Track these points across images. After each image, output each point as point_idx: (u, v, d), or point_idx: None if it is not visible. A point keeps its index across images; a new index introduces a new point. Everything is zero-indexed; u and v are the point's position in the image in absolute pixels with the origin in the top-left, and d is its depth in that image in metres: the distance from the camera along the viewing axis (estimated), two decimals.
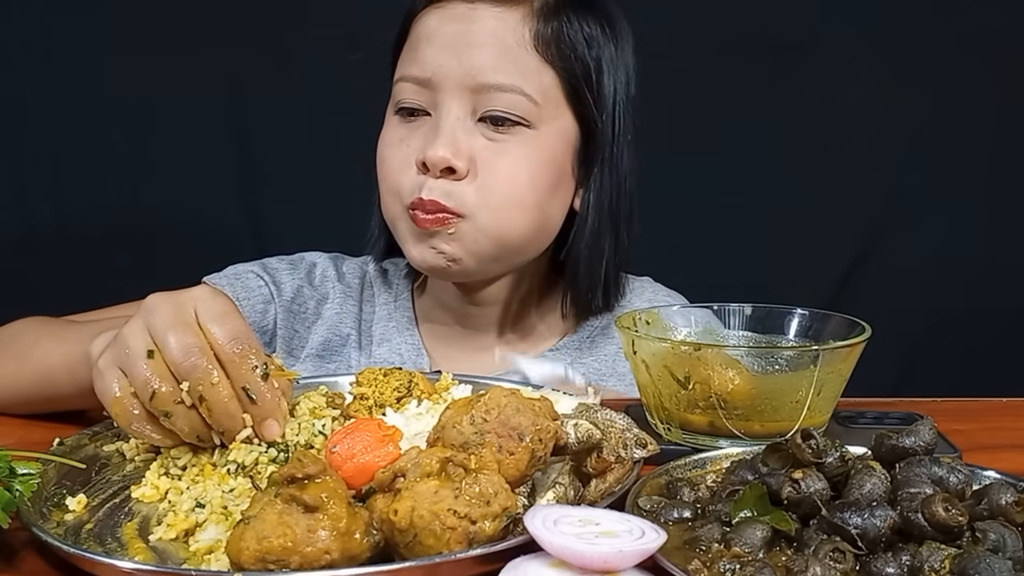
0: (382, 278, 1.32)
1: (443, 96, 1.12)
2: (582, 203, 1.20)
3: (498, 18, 1.12)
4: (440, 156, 1.09)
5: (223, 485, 0.75)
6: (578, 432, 0.71)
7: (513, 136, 1.12)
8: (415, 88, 1.14)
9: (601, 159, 1.18)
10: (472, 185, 1.11)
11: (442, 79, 1.11)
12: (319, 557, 0.60)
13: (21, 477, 0.71)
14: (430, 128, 1.13)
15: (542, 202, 1.15)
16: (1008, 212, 2.01)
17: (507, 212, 1.13)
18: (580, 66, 1.15)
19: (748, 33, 1.93)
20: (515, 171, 1.13)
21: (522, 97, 1.11)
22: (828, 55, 1.95)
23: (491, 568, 0.61)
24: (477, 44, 1.11)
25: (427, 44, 1.13)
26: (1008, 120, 1.98)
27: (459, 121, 1.11)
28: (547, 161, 1.15)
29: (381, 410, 0.85)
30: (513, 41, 1.12)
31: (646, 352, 0.88)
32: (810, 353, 0.85)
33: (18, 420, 1.00)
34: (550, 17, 1.13)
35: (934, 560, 0.60)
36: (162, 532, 0.71)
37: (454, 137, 1.10)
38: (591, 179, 1.19)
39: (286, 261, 1.30)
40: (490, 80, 1.11)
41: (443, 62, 1.11)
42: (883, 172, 1.99)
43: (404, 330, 1.27)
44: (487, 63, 1.11)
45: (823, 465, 0.66)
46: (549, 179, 1.15)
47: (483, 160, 1.12)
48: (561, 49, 1.13)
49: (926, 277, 2.00)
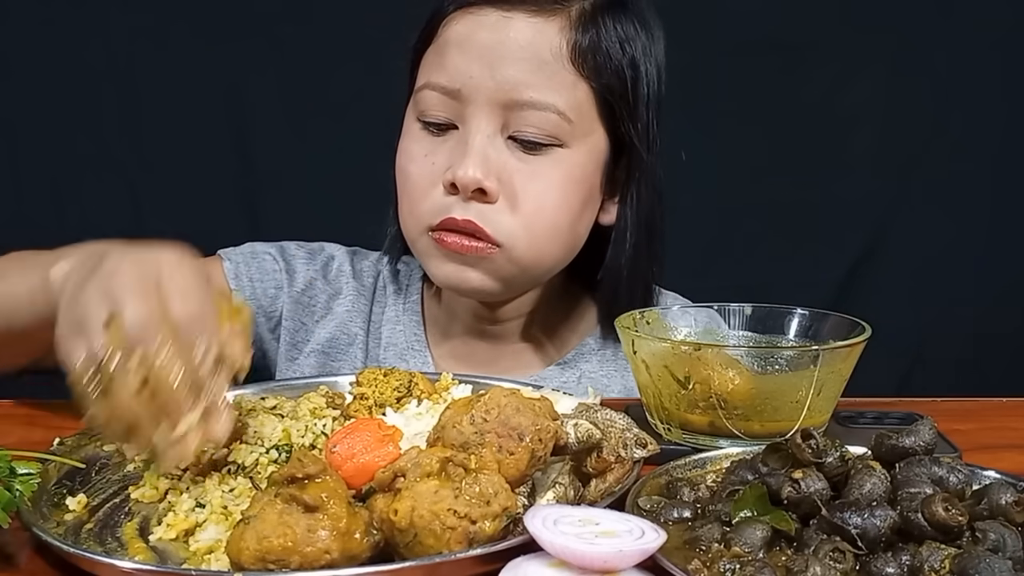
0: (394, 278, 1.28)
1: (473, 110, 1.06)
2: (619, 218, 1.15)
3: (534, 28, 1.06)
4: (471, 177, 1.04)
5: (223, 485, 0.75)
6: (578, 432, 0.71)
7: (545, 156, 1.07)
8: (441, 98, 1.08)
9: (639, 172, 1.13)
10: (506, 212, 1.06)
11: (472, 92, 1.06)
12: (319, 557, 0.60)
13: (21, 477, 0.71)
14: (457, 144, 1.07)
15: (573, 224, 1.12)
16: (1008, 212, 2.00)
17: (542, 241, 1.09)
18: (616, 79, 1.09)
19: (748, 33, 1.92)
20: (548, 196, 1.08)
21: (556, 115, 1.06)
22: (828, 55, 1.95)
23: (491, 568, 0.61)
24: (512, 56, 1.05)
25: (457, 52, 1.07)
26: (1008, 120, 1.98)
27: (489, 139, 1.06)
28: (579, 181, 1.10)
29: (381, 410, 0.85)
30: (549, 54, 1.06)
31: (646, 352, 0.88)
32: (810, 353, 0.85)
33: (18, 420, 1.00)
34: (588, 27, 1.07)
35: (934, 560, 0.60)
36: (162, 532, 0.71)
37: (484, 156, 1.05)
38: (629, 194, 1.14)
39: (305, 249, 1.27)
40: (524, 97, 1.05)
41: (474, 73, 1.05)
42: (883, 172, 1.99)
43: (411, 334, 1.24)
44: (521, 78, 1.05)
45: (823, 465, 0.66)
46: (580, 199, 1.11)
47: (515, 183, 1.07)
48: (597, 61, 1.08)
49: (926, 277, 2.00)
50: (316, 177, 1.89)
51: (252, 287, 1.22)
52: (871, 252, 2.01)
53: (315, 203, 1.86)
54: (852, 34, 1.94)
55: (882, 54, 1.95)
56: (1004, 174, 1.99)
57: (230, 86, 1.91)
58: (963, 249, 2.00)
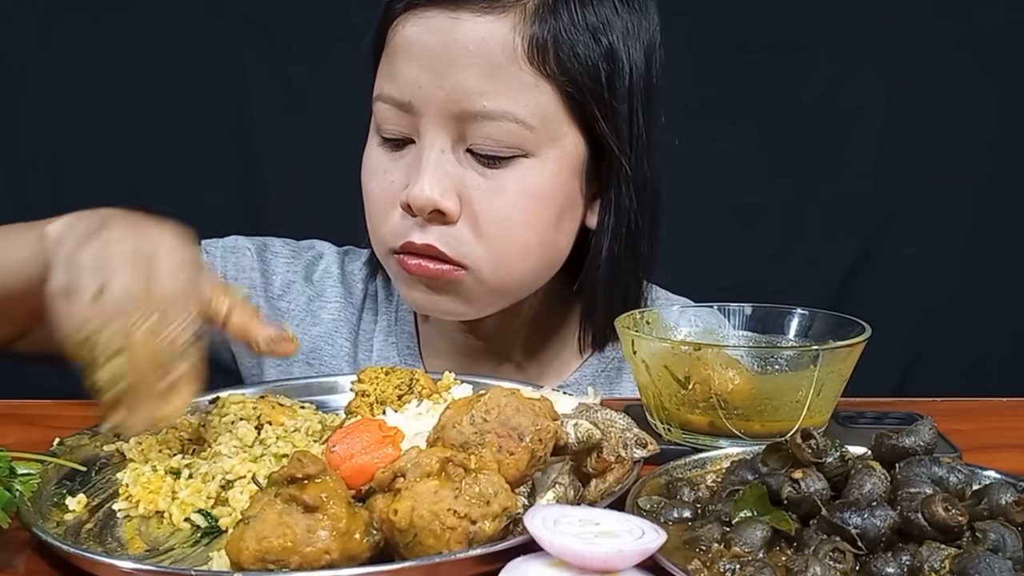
0: (386, 285, 1.21)
1: (425, 123, 0.98)
2: (599, 221, 1.06)
3: (484, 28, 0.96)
4: (426, 198, 0.96)
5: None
6: (578, 432, 0.71)
7: (508, 169, 0.99)
8: (394, 111, 1.00)
9: (618, 174, 1.03)
10: (468, 234, 0.99)
11: (422, 104, 0.97)
12: (319, 557, 0.60)
13: (21, 477, 0.71)
14: (413, 160, 1.00)
15: (546, 240, 1.03)
16: (1008, 212, 2.00)
17: (510, 261, 1.01)
18: (586, 75, 0.99)
19: (748, 33, 1.93)
20: (514, 214, 0.99)
21: (514, 124, 0.96)
22: (828, 55, 1.95)
23: (491, 568, 0.61)
24: (460, 62, 0.95)
25: (404, 59, 0.99)
26: (1008, 120, 1.97)
27: (444, 154, 0.98)
28: (549, 192, 1.01)
29: (382, 407, 0.85)
30: (502, 56, 0.96)
31: (646, 352, 0.88)
32: (810, 353, 0.85)
33: (18, 420, 0.99)
34: (547, 18, 0.97)
35: (934, 560, 0.60)
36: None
37: (439, 174, 0.97)
38: (606, 196, 1.05)
39: (290, 248, 1.21)
40: (476, 107, 0.96)
41: (422, 83, 0.97)
42: (883, 172, 1.98)
43: (404, 347, 1.18)
44: (472, 85, 0.95)
45: (823, 465, 0.66)
46: (553, 212, 1.02)
47: (476, 200, 0.98)
48: (560, 57, 0.97)
49: (926, 277, 2.00)
50: (316, 177, 1.89)
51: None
52: (871, 252, 2.01)
53: (315, 202, 1.86)
54: (851, 34, 1.94)
55: (881, 54, 1.95)
56: (1003, 174, 1.99)
57: (230, 86, 1.91)
58: (963, 249, 2.00)
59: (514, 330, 1.15)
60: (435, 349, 1.19)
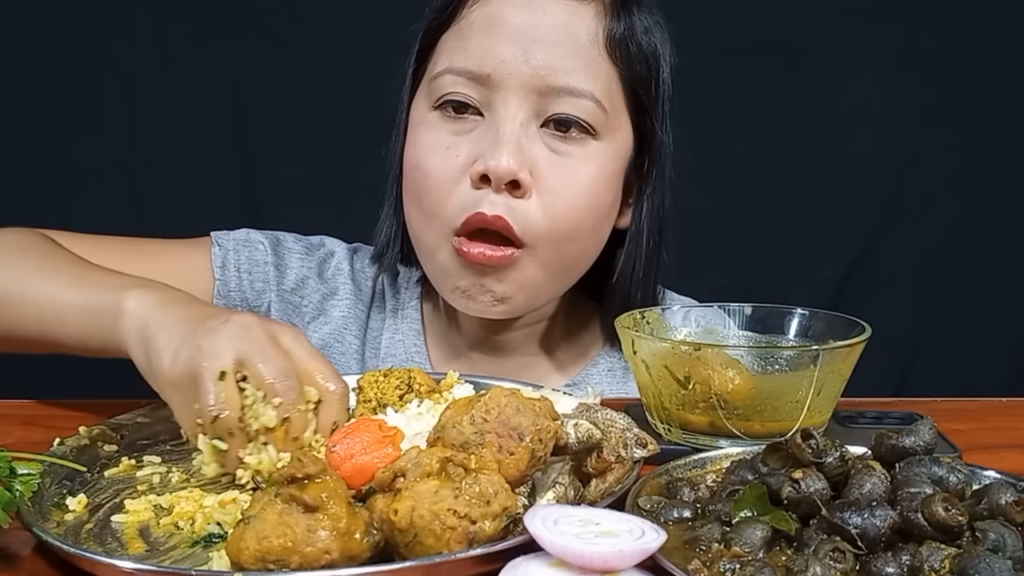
0: (392, 282, 1.22)
1: (504, 96, 1.00)
2: (633, 221, 1.09)
3: (571, 12, 1.01)
4: (506, 167, 0.97)
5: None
6: (578, 432, 0.71)
7: (577, 147, 1.02)
8: (466, 84, 1.01)
9: (655, 171, 1.08)
10: (536, 208, 1.00)
11: (504, 76, 0.99)
12: (319, 557, 0.60)
13: (21, 477, 0.71)
14: (484, 133, 1.00)
15: (600, 225, 1.06)
16: (1007, 211, 2.00)
17: (570, 241, 1.03)
18: (643, 68, 1.05)
19: (748, 33, 1.92)
20: (580, 191, 1.02)
21: (592, 103, 1.01)
22: (828, 55, 1.95)
23: (491, 568, 0.61)
24: (547, 40, 0.99)
25: (485, 34, 1.01)
26: (1008, 120, 1.97)
27: (523, 127, 1.00)
28: (608, 178, 1.05)
29: (384, 410, 0.85)
30: (587, 39, 1.01)
31: (646, 352, 0.88)
32: (810, 353, 0.85)
33: (18, 420, 0.99)
34: (621, 14, 1.03)
35: (934, 560, 0.60)
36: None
37: (518, 145, 0.99)
38: (644, 196, 1.08)
39: (303, 244, 1.21)
40: (561, 83, 0.99)
41: (507, 57, 0.99)
42: (883, 172, 1.98)
43: (411, 345, 1.18)
44: (558, 63, 0.99)
45: (823, 465, 0.66)
46: (609, 199, 1.05)
47: (545, 176, 1.00)
48: (630, 51, 1.03)
49: (926, 277, 2.00)
50: (317, 176, 1.89)
51: (239, 277, 1.16)
52: (870, 252, 2.01)
53: (316, 202, 1.86)
54: (851, 35, 1.94)
55: (880, 54, 1.95)
56: (1003, 174, 1.99)
57: (230, 86, 1.91)
58: (962, 248, 2.00)
59: (530, 328, 1.16)
60: (442, 346, 1.19)
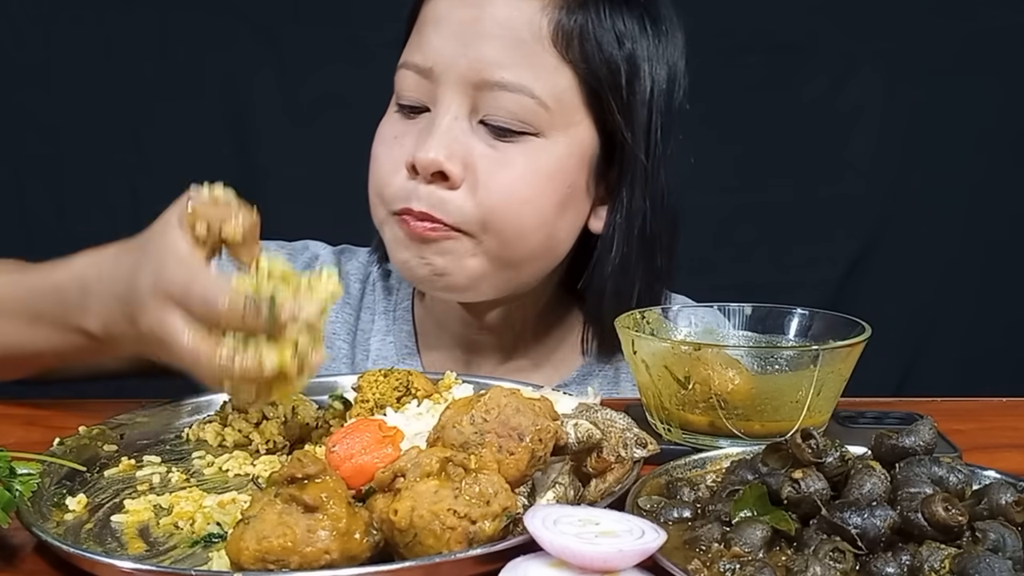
0: (384, 281, 1.22)
1: (443, 90, 1.01)
2: (606, 224, 1.08)
3: (513, 6, 1.00)
4: (431, 158, 0.98)
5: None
6: (578, 432, 0.71)
7: (517, 144, 1.01)
8: (416, 79, 1.03)
9: (631, 175, 1.05)
10: (467, 197, 1.00)
11: (443, 70, 1.00)
12: (319, 557, 0.60)
13: (21, 477, 0.71)
14: (426, 126, 1.02)
15: (547, 222, 1.04)
16: (1008, 212, 2.00)
17: (506, 232, 1.02)
18: (606, 68, 1.02)
19: (747, 34, 1.93)
20: (517, 185, 1.01)
21: (530, 100, 0.99)
22: (828, 55, 1.95)
23: (491, 568, 0.61)
24: (486, 34, 1.00)
25: (433, 30, 1.02)
26: (1008, 121, 1.98)
27: (456, 121, 1.00)
28: (553, 175, 1.02)
29: (382, 410, 0.85)
30: (528, 34, 1.00)
31: (646, 352, 0.88)
32: (810, 353, 0.85)
33: (18, 420, 0.99)
34: (575, 9, 1.01)
35: (934, 560, 0.60)
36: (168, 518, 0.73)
37: (450, 137, 1.00)
38: (617, 198, 1.07)
39: (286, 249, 1.21)
40: (495, 77, 0.99)
41: (447, 52, 1.00)
42: (882, 172, 1.99)
43: (402, 346, 1.18)
44: (494, 56, 0.99)
45: (823, 465, 0.66)
46: (557, 196, 1.03)
47: (481, 169, 1.00)
48: (585, 47, 1.01)
49: (926, 277, 2.00)
50: (317, 176, 1.89)
51: None
52: (870, 252, 2.01)
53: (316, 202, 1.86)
54: (850, 35, 1.94)
55: (880, 55, 1.95)
56: (1003, 174, 1.99)
57: (231, 86, 1.91)
58: (962, 248, 2.00)
59: (519, 324, 1.15)
60: (434, 346, 1.19)
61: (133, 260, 0.84)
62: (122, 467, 0.83)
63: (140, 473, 0.82)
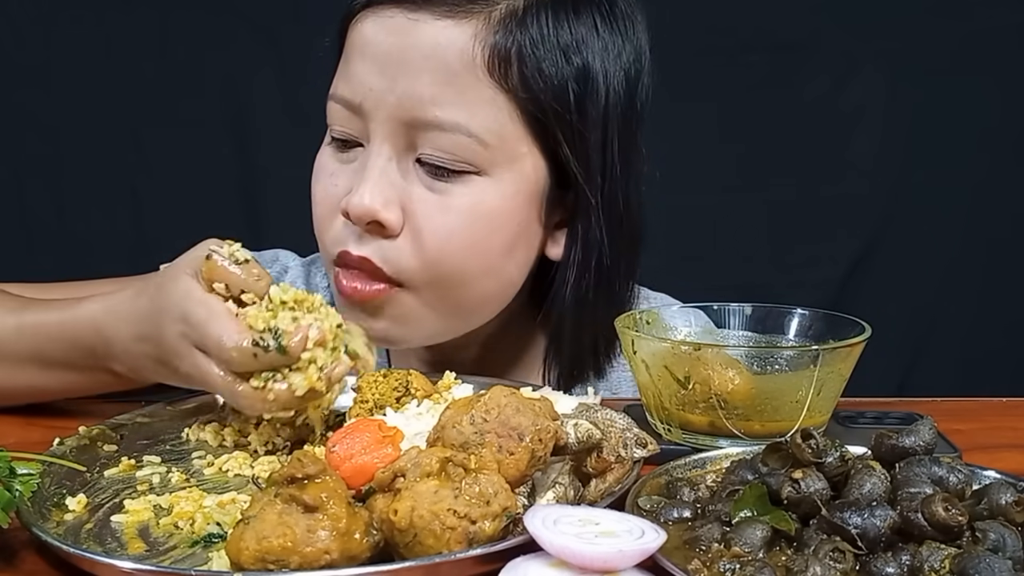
0: None
1: (375, 127, 0.92)
2: (565, 251, 0.99)
3: (443, 34, 0.90)
4: (365, 207, 0.91)
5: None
6: (578, 432, 0.71)
7: (458, 184, 0.93)
8: (345, 113, 0.95)
9: (587, 206, 0.96)
10: (408, 247, 0.93)
11: (373, 107, 0.92)
12: (319, 557, 0.60)
13: (21, 477, 0.71)
14: (359, 166, 0.94)
15: (493, 268, 0.96)
16: (1008, 212, 2.01)
17: (460, 285, 0.95)
18: (551, 93, 0.92)
19: (748, 33, 1.93)
20: (459, 233, 0.93)
21: (467, 138, 0.90)
22: (830, 54, 1.95)
23: (491, 568, 0.61)
24: (415, 67, 0.90)
25: (359, 59, 0.94)
26: (1008, 121, 1.98)
27: (390, 163, 0.92)
28: (498, 216, 0.94)
29: (381, 411, 0.85)
30: (459, 65, 0.90)
31: (646, 352, 0.88)
32: (810, 353, 0.85)
33: (18, 420, 0.99)
34: (513, 28, 0.91)
35: (934, 560, 0.60)
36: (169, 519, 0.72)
37: (385, 182, 0.92)
38: (574, 226, 0.98)
39: None
40: (428, 115, 0.90)
41: (374, 85, 0.92)
42: (883, 172, 1.99)
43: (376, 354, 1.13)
44: (425, 92, 0.90)
45: (823, 465, 0.66)
46: (504, 237, 0.95)
47: (420, 214, 0.92)
48: (524, 73, 0.91)
49: (927, 277, 2.00)
50: None
51: None
52: (871, 252, 2.01)
53: None
54: (852, 35, 1.95)
55: (882, 54, 1.95)
56: (1004, 174, 1.99)
57: (231, 87, 1.91)
58: (963, 248, 2.00)
59: (465, 347, 1.08)
60: (404, 358, 1.14)
61: (151, 303, 0.86)
62: (122, 467, 0.83)
63: (140, 473, 0.82)
